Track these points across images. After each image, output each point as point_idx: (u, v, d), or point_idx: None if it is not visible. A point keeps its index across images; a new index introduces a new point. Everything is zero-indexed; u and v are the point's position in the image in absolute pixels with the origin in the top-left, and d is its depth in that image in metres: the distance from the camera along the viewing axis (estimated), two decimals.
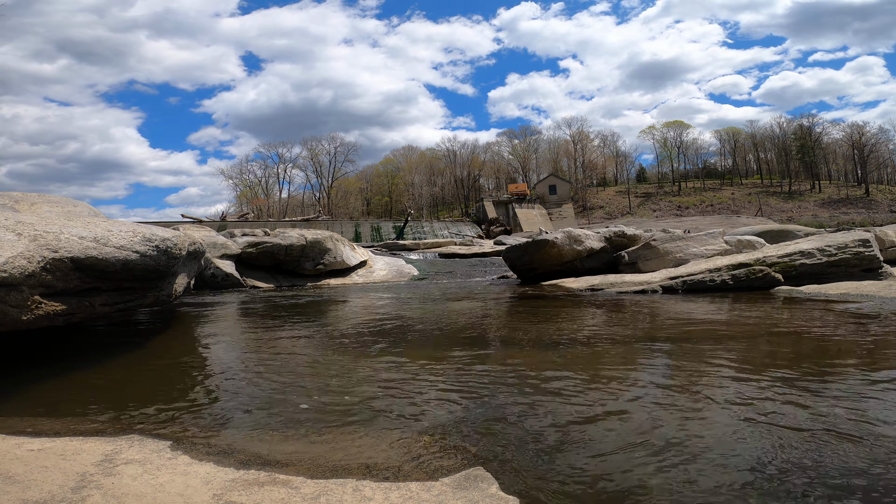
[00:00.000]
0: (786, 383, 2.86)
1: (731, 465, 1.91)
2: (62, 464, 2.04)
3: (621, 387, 2.93)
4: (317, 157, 65.99)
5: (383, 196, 69.26)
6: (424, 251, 22.03)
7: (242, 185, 66.34)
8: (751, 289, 7.26)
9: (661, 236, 10.72)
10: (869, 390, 2.69)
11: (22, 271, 3.24)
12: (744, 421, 2.34)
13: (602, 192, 64.00)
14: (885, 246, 9.98)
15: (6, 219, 3.95)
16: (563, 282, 9.41)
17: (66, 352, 4.45)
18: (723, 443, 2.11)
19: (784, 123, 67.48)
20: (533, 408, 2.63)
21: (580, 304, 6.73)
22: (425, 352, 4.08)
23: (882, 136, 63.61)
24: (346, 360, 3.90)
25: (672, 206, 58.95)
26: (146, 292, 4.65)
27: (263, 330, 5.38)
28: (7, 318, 3.22)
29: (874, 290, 6.45)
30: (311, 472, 1.95)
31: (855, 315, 5.00)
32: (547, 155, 70.03)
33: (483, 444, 2.20)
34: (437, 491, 1.78)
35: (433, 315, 6.21)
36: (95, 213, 6.44)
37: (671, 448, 2.08)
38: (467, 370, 3.43)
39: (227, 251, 11.00)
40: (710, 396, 2.70)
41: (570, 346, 4.10)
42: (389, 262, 14.20)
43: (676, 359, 3.60)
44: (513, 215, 49.59)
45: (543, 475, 1.91)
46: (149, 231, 4.56)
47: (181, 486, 1.85)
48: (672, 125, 70.79)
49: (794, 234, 13.21)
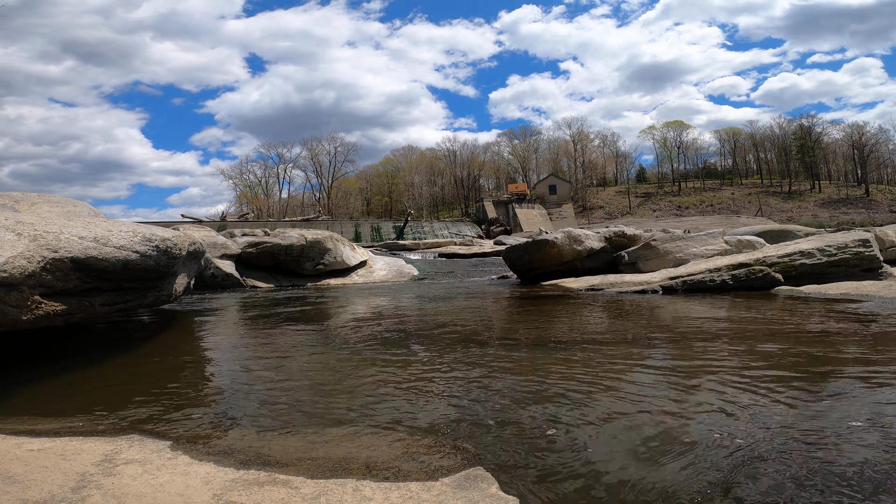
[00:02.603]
0: (783, 383, 2.86)
1: (723, 467, 1.92)
2: (62, 464, 2.04)
3: (622, 387, 2.93)
4: (317, 157, 66.04)
5: (383, 196, 69.23)
6: (424, 251, 22.05)
7: (243, 185, 66.40)
8: (751, 289, 7.26)
9: (661, 236, 10.72)
10: (867, 390, 2.69)
11: (22, 271, 3.24)
12: (741, 428, 2.34)
13: (602, 192, 63.99)
14: (885, 246, 9.98)
15: (6, 219, 3.95)
16: (563, 282, 9.41)
17: (66, 352, 4.45)
18: (721, 446, 2.12)
19: (784, 123, 67.54)
20: (533, 408, 2.63)
21: (580, 305, 6.73)
22: (425, 352, 4.08)
23: (882, 135, 63.66)
24: (346, 360, 3.90)
25: (672, 206, 58.94)
26: (146, 292, 4.65)
27: (263, 330, 5.38)
28: (7, 318, 3.22)
29: (874, 290, 6.45)
30: (311, 472, 1.95)
31: (855, 315, 5.00)
32: (547, 155, 70.05)
33: (483, 444, 2.20)
34: (437, 491, 1.78)
35: (433, 315, 6.20)
36: (95, 213, 6.43)
37: (671, 448, 2.08)
38: (467, 370, 3.43)
39: (227, 251, 11.00)
40: (710, 398, 2.70)
41: (570, 346, 4.10)
42: (389, 263, 14.20)
43: (677, 359, 3.60)
44: (513, 215, 49.59)
45: (543, 475, 1.91)
46: (149, 231, 4.56)
47: (181, 486, 1.85)
48: (672, 125, 70.80)
49: (794, 234, 13.21)
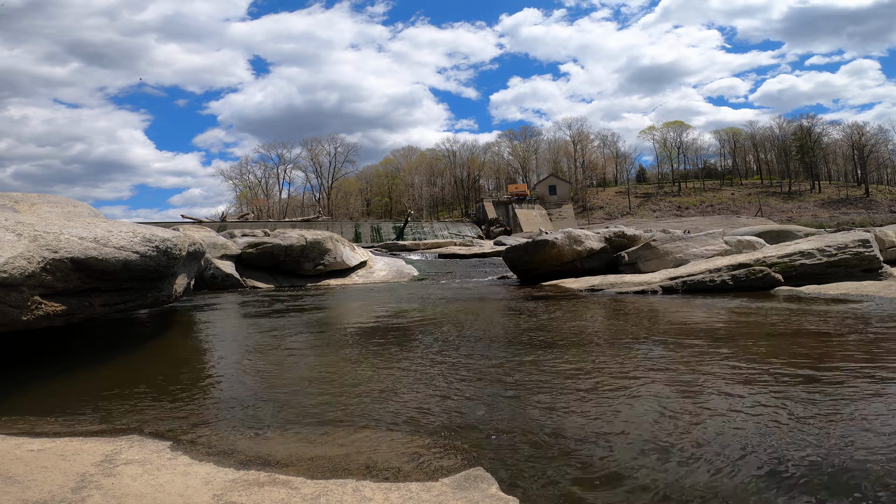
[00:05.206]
0: (780, 382, 2.86)
1: (724, 472, 1.92)
2: (62, 464, 2.04)
3: (623, 388, 2.93)
4: (317, 157, 65.99)
5: (383, 196, 69.21)
6: (424, 252, 22.06)
7: (243, 185, 66.35)
8: (751, 289, 7.25)
9: (661, 237, 10.72)
10: (864, 389, 2.69)
11: (22, 272, 3.24)
12: (740, 429, 2.34)
13: (602, 193, 63.97)
14: (884, 246, 9.97)
15: (6, 219, 3.95)
16: (563, 282, 9.41)
17: (66, 352, 4.45)
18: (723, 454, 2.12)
19: (784, 124, 67.48)
20: (533, 408, 2.63)
21: (580, 305, 6.73)
22: (425, 352, 4.08)
23: (881, 136, 63.64)
24: (346, 360, 3.90)
25: (672, 206, 58.93)
26: (146, 293, 4.65)
27: (263, 331, 5.38)
28: (7, 319, 3.22)
29: (874, 290, 6.45)
30: (311, 473, 1.95)
31: (854, 315, 5.00)
32: (547, 155, 70.00)
33: (483, 444, 2.20)
34: (437, 491, 1.78)
35: (433, 316, 6.20)
36: (95, 214, 6.44)
37: (671, 449, 2.08)
38: (467, 371, 3.43)
39: (227, 251, 11.00)
40: (710, 400, 2.70)
41: (570, 346, 4.10)
42: (389, 263, 14.20)
43: (676, 359, 3.60)
44: (513, 216, 49.58)
45: (543, 475, 1.91)
46: (149, 231, 4.56)
47: (181, 486, 1.85)
48: (672, 125, 70.74)
49: (794, 234, 13.21)
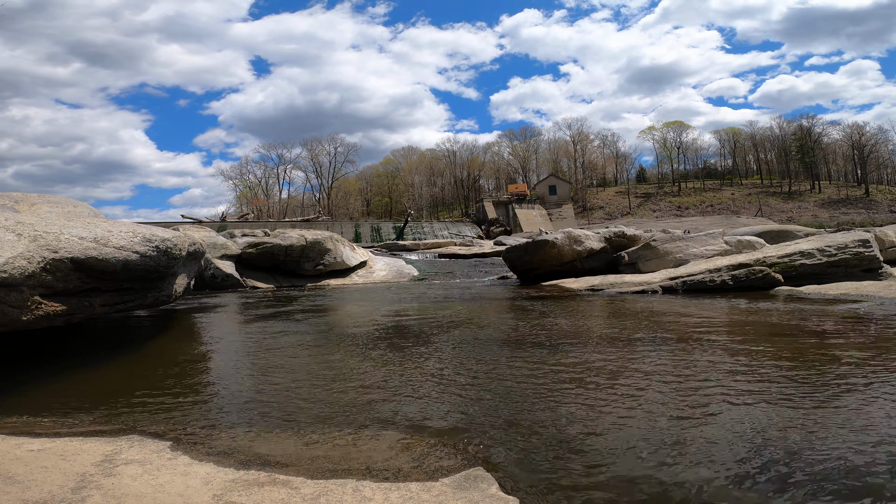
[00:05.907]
0: (780, 381, 2.86)
1: (718, 472, 1.92)
2: (62, 464, 2.04)
3: (622, 388, 2.93)
4: (317, 157, 65.93)
5: (383, 196, 69.17)
6: (424, 252, 22.04)
7: (243, 185, 66.31)
8: (751, 289, 7.26)
9: (661, 237, 10.72)
10: (864, 388, 2.69)
11: (22, 272, 3.24)
12: (738, 429, 2.34)
13: (602, 193, 63.93)
14: (884, 246, 9.98)
15: (6, 219, 3.95)
16: (564, 282, 9.41)
17: (66, 352, 4.45)
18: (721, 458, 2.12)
19: (784, 124, 67.42)
20: (533, 408, 2.63)
21: (580, 305, 6.73)
22: (425, 353, 4.08)
23: (881, 136, 63.58)
24: (346, 360, 3.90)
25: (672, 206, 58.91)
26: (146, 292, 4.65)
27: (263, 331, 5.38)
28: (7, 319, 3.22)
29: (874, 290, 6.45)
30: (311, 473, 1.95)
31: (854, 315, 5.00)
32: (547, 155, 69.95)
33: (482, 444, 2.20)
34: (437, 491, 1.78)
35: (432, 316, 6.20)
36: (95, 214, 6.44)
37: (674, 451, 2.08)
38: (467, 371, 3.43)
39: (227, 251, 11.00)
40: (710, 400, 2.70)
41: (570, 346, 4.10)
42: (389, 263, 14.21)
43: (677, 360, 3.60)
44: (513, 216, 49.56)
45: (543, 475, 1.91)
46: (149, 231, 4.56)
47: (181, 486, 1.85)
48: (672, 125, 70.62)
49: (794, 234, 13.20)
